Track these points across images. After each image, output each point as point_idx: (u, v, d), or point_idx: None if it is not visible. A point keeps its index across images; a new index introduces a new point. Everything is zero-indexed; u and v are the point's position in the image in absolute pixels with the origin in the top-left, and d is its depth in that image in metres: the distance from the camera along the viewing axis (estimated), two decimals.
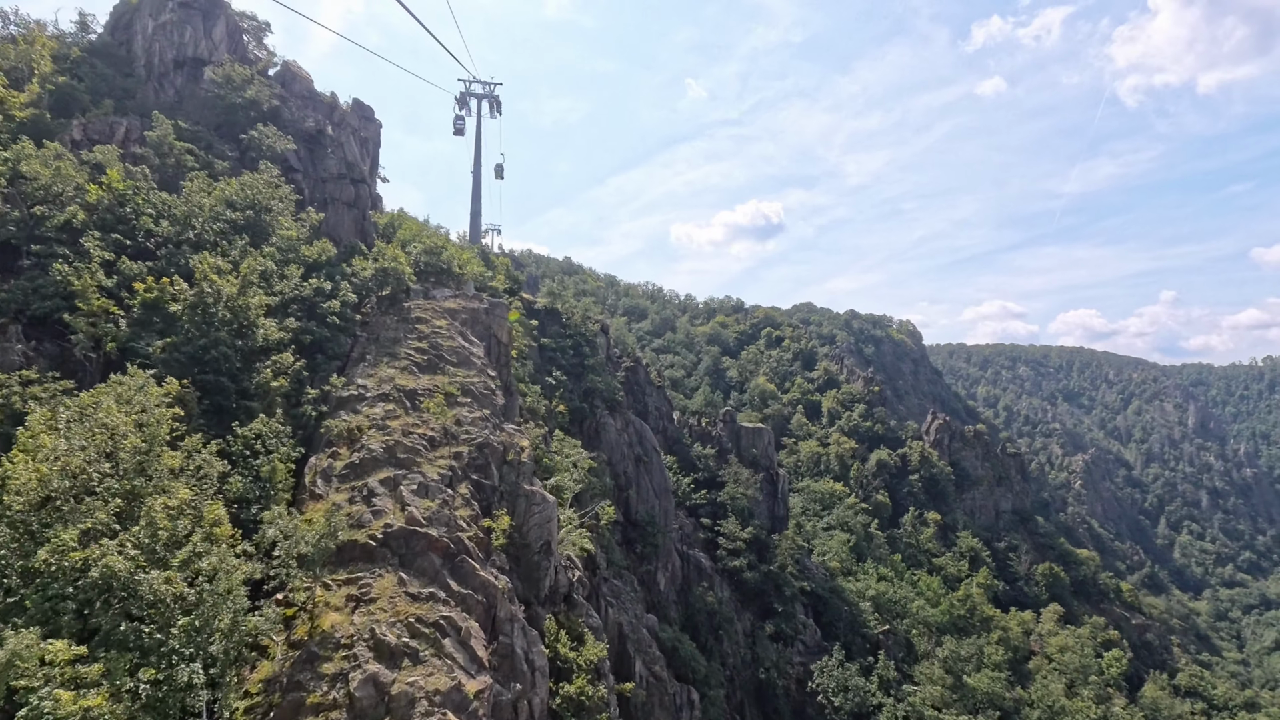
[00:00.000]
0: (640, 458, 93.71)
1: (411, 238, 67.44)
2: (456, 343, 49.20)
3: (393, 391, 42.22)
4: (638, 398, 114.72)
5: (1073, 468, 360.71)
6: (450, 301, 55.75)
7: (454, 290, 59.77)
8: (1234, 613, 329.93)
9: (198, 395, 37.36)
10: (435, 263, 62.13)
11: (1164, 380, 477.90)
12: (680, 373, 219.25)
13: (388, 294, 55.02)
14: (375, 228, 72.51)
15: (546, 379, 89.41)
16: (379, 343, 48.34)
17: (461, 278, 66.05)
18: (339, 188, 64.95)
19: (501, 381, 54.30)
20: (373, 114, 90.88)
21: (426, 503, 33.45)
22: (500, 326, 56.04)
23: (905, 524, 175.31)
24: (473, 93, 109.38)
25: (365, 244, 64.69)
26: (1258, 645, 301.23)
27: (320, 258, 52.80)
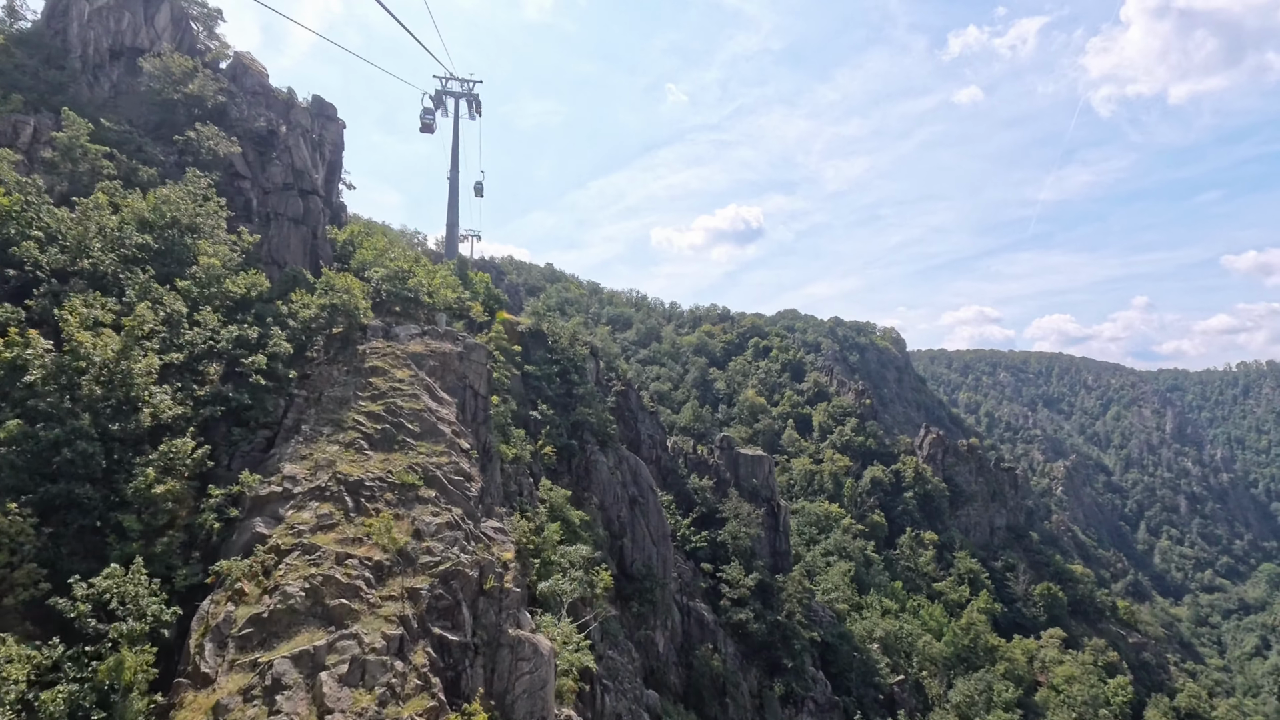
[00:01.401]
0: (635, 499, 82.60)
1: (374, 258, 55.79)
2: (421, 403, 37.85)
3: (330, 484, 30.76)
4: (629, 425, 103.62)
5: (1054, 474, 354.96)
6: (416, 343, 44.31)
7: (422, 326, 48.35)
8: (1214, 618, 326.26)
9: (35, 523, 25.84)
10: (400, 291, 50.54)
11: (1141, 386, 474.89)
12: (667, 385, 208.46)
13: (339, 333, 43.53)
14: (332, 246, 60.71)
15: (531, 413, 78.10)
16: (321, 405, 36.91)
17: (433, 308, 54.66)
18: (283, 200, 53.11)
19: (479, 444, 43.10)
20: (335, 113, 78.84)
21: (360, 698, 22.09)
22: (478, 375, 44.74)
23: (902, 545, 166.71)
24: (450, 91, 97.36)
25: (315, 269, 53.11)
26: (1238, 651, 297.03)
27: (250, 293, 40.99)
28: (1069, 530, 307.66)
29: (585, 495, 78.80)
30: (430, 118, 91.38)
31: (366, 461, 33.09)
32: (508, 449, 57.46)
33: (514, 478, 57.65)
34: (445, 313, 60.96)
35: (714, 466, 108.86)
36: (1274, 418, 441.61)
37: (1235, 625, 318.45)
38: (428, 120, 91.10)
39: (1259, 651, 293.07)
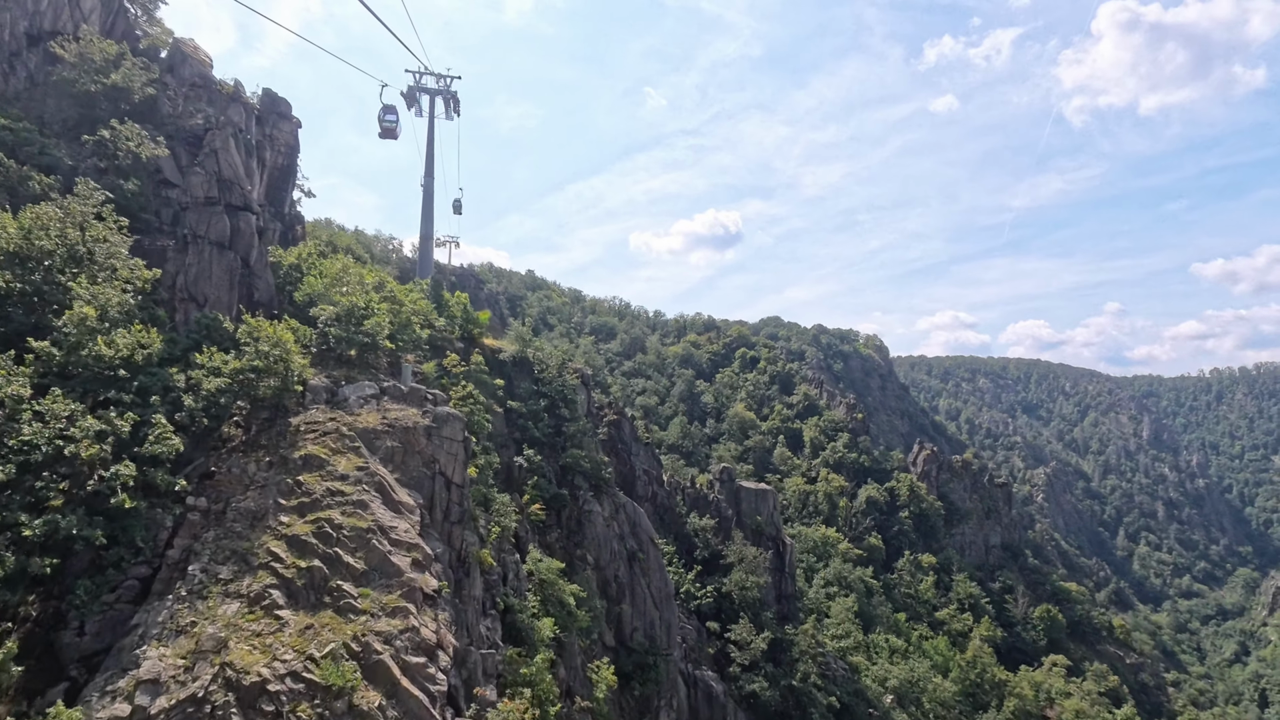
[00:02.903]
0: (634, 553, 71.02)
1: (325, 288, 43.85)
2: (369, 516, 26.15)
3: (214, 690, 18.82)
4: (623, 459, 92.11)
5: (1035, 481, 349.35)
6: (370, 412, 32.56)
7: (380, 382, 36.54)
8: (1193, 624, 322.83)
9: None
10: (353, 335, 38.57)
11: (1118, 392, 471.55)
12: (654, 400, 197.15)
13: (266, 400, 31.69)
14: (275, 271, 48.58)
15: (516, 459, 66.37)
16: (225, 525, 25.14)
17: (398, 353, 42.87)
18: (204, 219, 40.71)
19: (453, 555, 31.57)
20: (289, 109, 66.55)
21: None
22: (451, 456, 32.96)
23: (900, 569, 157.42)
24: (424, 88, 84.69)
25: (248, 305, 41.14)
26: (1218, 658, 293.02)
27: (134, 356, 28.92)
28: (1052, 539, 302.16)
29: (578, 554, 67.15)
30: (392, 119, 74.44)
31: (279, 633, 21.28)
32: (492, 527, 45.73)
33: (498, 560, 46.01)
34: (415, 354, 49.09)
35: (714, 503, 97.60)
36: (1246, 424, 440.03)
37: (1214, 631, 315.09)
38: (388, 122, 74.39)
39: (1238, 658, 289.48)
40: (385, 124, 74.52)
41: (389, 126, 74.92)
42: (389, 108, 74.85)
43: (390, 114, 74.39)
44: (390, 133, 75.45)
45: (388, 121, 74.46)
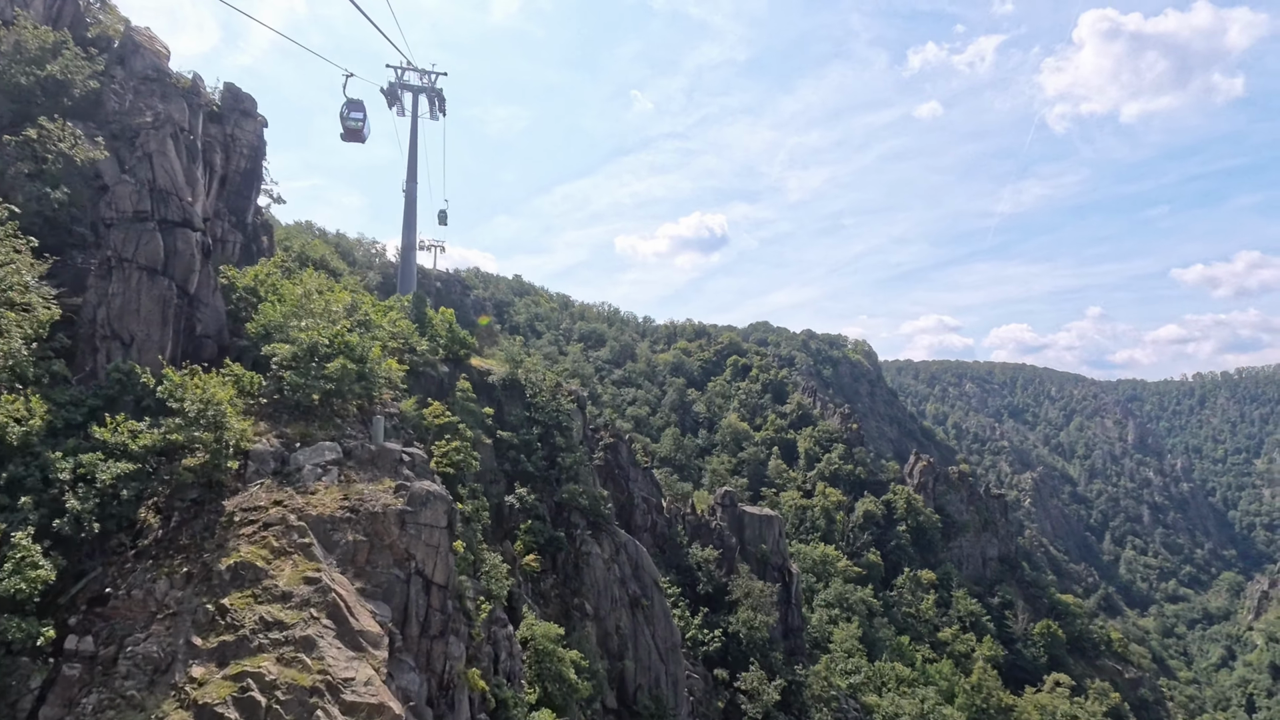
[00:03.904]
0: (638, 599, 63.73)
1: (290, 313, 36.17)
2: (318, 663, 18.77)
3: None
4: (620, 486, 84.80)
5: (1022, 486, 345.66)
6: (327, 491, 25.06)
7: (346, 441, 29.16)
8: (1179, 628, 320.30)
9: None
10: (314, 383, 30.87)
11: (1103, 396, 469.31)
12: (645, 410, 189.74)
13: (191, 484, 24.10)
14: (227, 296, 40.86)
15: (508, 499, 59.00)
16: (111, 685, 17.64)
17: (370, 396, 35.34)
18: (132, 238, 32.81)
19: (435, 680, 24.22)
20: (253, 106, 58.54)
21: None
22: (431, 551, 25.35)
23: (900, 587, 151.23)
24: (407, 84, 76.56)
25: (184, 346, 33.49)
26: (1205, 663, 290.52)
27: (5, 435, 21.18)
28: (1042, 545, 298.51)
29: (575, 603, 59.80)
30: (358, 118, 61.50)
31: None
32: (482, 605, 38.24)
33: (488, 636, 38.60)
34: (383, 419, 41.33)
35: (717, 530, 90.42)
36: (1229, 427, 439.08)
37: (1200, 635, 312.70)
38: (354, 121, 61.24)
39: (1225, 663, 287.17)
40: (350, 123, 62.15)
41: (354, 127, 62.40)
42: (354, 103, 62.67)
43: (356, 111, 62.06)
44: (356, 134, 62.96)
45: (353, 120, 62.03)
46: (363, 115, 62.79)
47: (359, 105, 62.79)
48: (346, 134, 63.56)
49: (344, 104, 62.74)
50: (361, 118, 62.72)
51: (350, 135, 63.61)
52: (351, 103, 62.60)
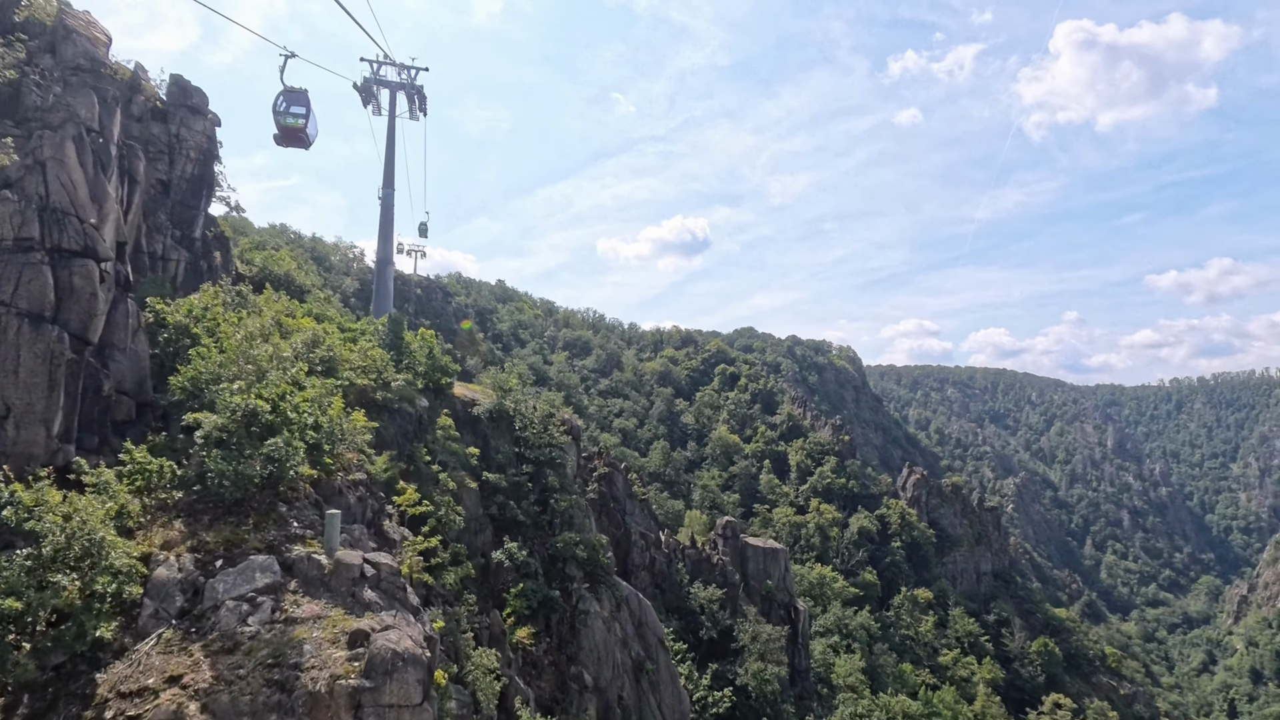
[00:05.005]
0: (642, 663, 56.14)
1: (227, 363, 28.26)
2: None
3: None
4: (616, 521, 77.16)
5: (1005, 491, 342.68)
6: (253, 652, 17.47)
7: (287, 551, 21.42)
8: (1160, 632, 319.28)
9: None
10: (245, 469, 22.50)
11: (1082, 401, 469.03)
12: (632, 422, 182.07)
13: (52, 648, 16.44)
14: (151, 336, 32.76)
15: (496, 555, 51.12)
16: None
17: (326, 479, 27.42)
18: (7, 277, 24.42)
19: None
20: (204, 103, 50.21)
21: None
22: None
23: (898, 607, 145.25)
24: (384, 80, 68.07)
25: (94, 411, 25.52)
26: (1186, 668, 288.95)
27: None
28: (1026, 552, 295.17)
29: (572, 672, 51.92)
30: (299, 114, 47.75)
31: None
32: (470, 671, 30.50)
33: None
34: (359, 455, 33.31)
35: (719, 566, 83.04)
36: (1205, 432, 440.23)
37: (1181, 640, 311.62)
38: (293, 118, 47.69)
39: (1206, 667, 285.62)
40: (287, 120, 48.71)
41: (293, 125, 48.82)
42: (294, 94, 49.07)
43: (297, 105, 48.73)
44: (295, 136, 49.55)
45: (292, 117, 48.61)
46: (305, 111, 49.19)
47: (301, 98, 49.30)
48: (282, 135, 49.87)
49: (279, 95, 49.21)
50: (304, 114, 49.06)
51: (288, 137, 49.90)
52: (290, 94, 49.03)
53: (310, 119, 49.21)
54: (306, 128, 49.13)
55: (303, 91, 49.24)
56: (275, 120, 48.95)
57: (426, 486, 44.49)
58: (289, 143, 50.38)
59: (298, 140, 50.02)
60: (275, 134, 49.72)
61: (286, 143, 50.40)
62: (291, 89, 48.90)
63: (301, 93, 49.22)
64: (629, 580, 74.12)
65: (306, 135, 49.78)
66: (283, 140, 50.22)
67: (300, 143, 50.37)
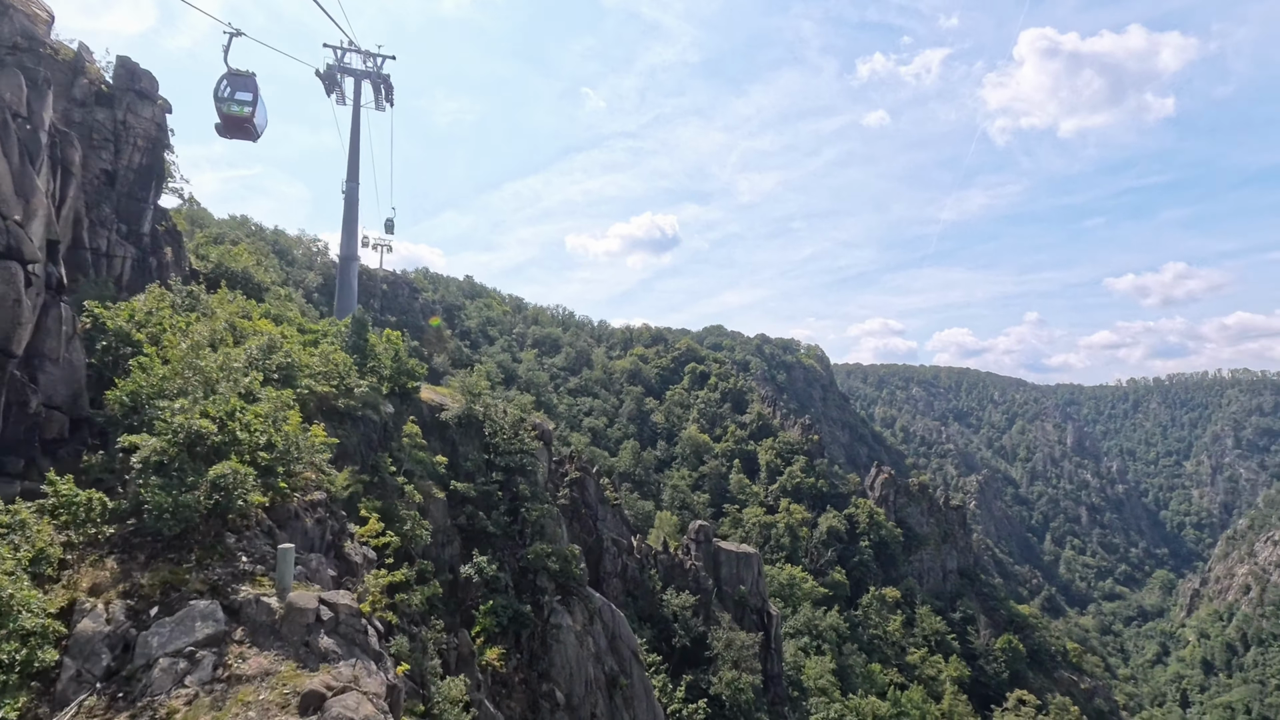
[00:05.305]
0: (615, 677, 54.31)
1: (168, 378, 25.63)
2: None
3: None
4: (587, 527, 75.19)
5: (967, 489, 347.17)
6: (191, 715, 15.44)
7: (233, 593, 19.14)
8: (1116, 625, 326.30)
9: None
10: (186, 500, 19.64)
11: (1043, 400, 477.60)
12: (602, 421, 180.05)
13: None
14: (88, 345, 30.02)
15: (464, 570, 48.85)
16: None
17: (281, 503, 24.97)
18: None
19: None
20: (154, 88, 46.96)
21: None
22: None
23: (865, 607, 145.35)
24: (348, 68, 65.00)
25: (20, 429, 22.86)
26: (1141, 659, 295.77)
27: None
28: (988, 549, 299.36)
29: (544, 689, 49.92)
30: (245, 101, 42.83)
31: None
32: None
33: None
34: (319, 474, 30.84)
35: (692, 572, 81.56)
36: (1160, 431, 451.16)
37: (1136, 632, 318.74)
38: (238, 106, 42.75)
39: (1160, 659, 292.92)
40: (232, 109, 43.24)
41: (237, 115, 43.39)
42: (239, 78, 43.56)
43: (243, 91, 43.40)
44: (240, 126, 44.76)
45: (237, 104, 43.20)
46: (253, 98, 43.73)
47: (247, 82, 43.75)
48: (226, 124, 44.61)
49: (222, 79, 43.58)
50: (251, 101, 43.59)
51: (232, 127, 44.76)
52: (235, 78, 43.57)
53: (258, 107, 44.36)
54: (254, 116, 44.12)
55: (249, 75, 44.21)
56: (217, 108, 43.96)
57: (391, 501, 42.16)
58: (234, 133, 45.74)
59: (243, 131, 45.34)
60: (217, 123, 45.03)
61: (231, 133, 45.75)
62: (237, 72, 43.97)
63: (248, 77, 44.19)
64: (601, 588, 72.31)
65: (254, 126, 44.85)
66: (226, 130, 45.46)
67: (246, 134, 45.72)
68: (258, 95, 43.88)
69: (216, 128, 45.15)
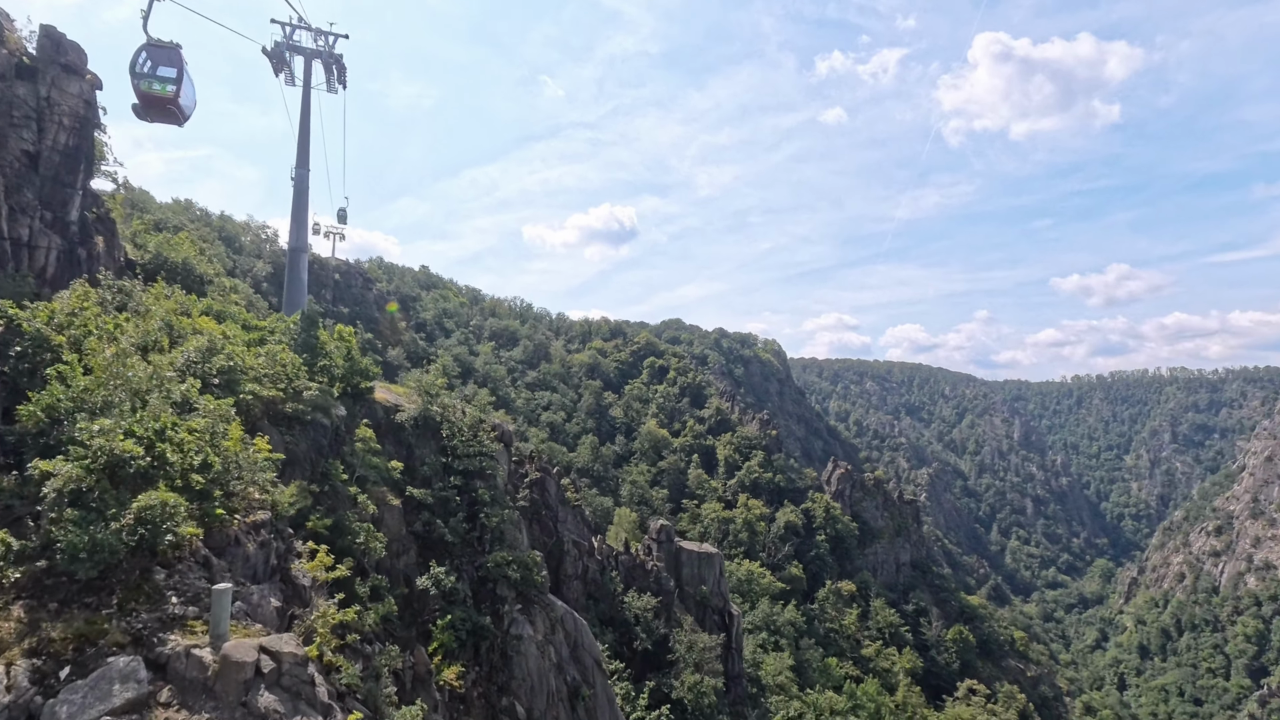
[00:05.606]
0: (577, 688, 52.57)
1: (87, 392, 22.88)
2: None
3: None
4: (547, 529, 73.15)
5: (918, 481, 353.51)
6: None
7: (160, 645, 17.00)
8: (1058, 613, 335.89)
9: None
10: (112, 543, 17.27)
11: (992, 395, 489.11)
12: (560, 415, 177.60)
13: None
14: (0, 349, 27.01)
15: (422, 582, 46.53)
16: None
17: (219, 528, 22.65)
18: None
19: None
20: (82, 61, 42.63)
21: None
22: None
23: (822, 600, 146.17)
24: (297, 46, 61.44)
25: None
26: (1081, 645, 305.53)
27: None
28: (938, 539, 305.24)
29: (504, 704, 47.91)
30: (169, 79, 36.74)
31: None
32: None
33: None
34: (262, 491, 28.28)
35: (654, 573, 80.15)
36: (1103, 426, 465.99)
37: (1077, 619, 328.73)
38: (159, 84, 36.72)
39: (1099, 644, 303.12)
40: (153, 88, 37.17)
41: (159, 94, 37.15)
42: (160, 50, 37.54)
43: (166, 67, 37.28)
44: (161, 107, 38.44)
45: (159, 82, 37.02)
46: (177, 74, 37.32)
47: (170, 55, 37.57)
48: (145, 105, 38.04)
49: (140, 52, 37.28)
50: (175, 78, 37.21)
51: (152, 108, 38.29)
52: (156, 50, 37.33)
53: (184, 85, 38.15)
54: (178, 96, 37.88)
55: (173, 48, 37.96)
56: (135, 85, 37.56)
57: (343, 512, 39.66)
58: (155, 115, 39.23)
59: (166, 113, 38.94)
60: (135, 104, 38.62)
61: (152, 115, 39.22)
62: (158, 43, 37.68)
63: (171, 49, 37.90)
64: (562, 592, 70.50)
65: (179, 108, 38.64)
66: (146, 111, 38.86)
67: (170, 116, 39.41)
68: (183, 71, 37.99)
69: (134, 109, 38.93)
